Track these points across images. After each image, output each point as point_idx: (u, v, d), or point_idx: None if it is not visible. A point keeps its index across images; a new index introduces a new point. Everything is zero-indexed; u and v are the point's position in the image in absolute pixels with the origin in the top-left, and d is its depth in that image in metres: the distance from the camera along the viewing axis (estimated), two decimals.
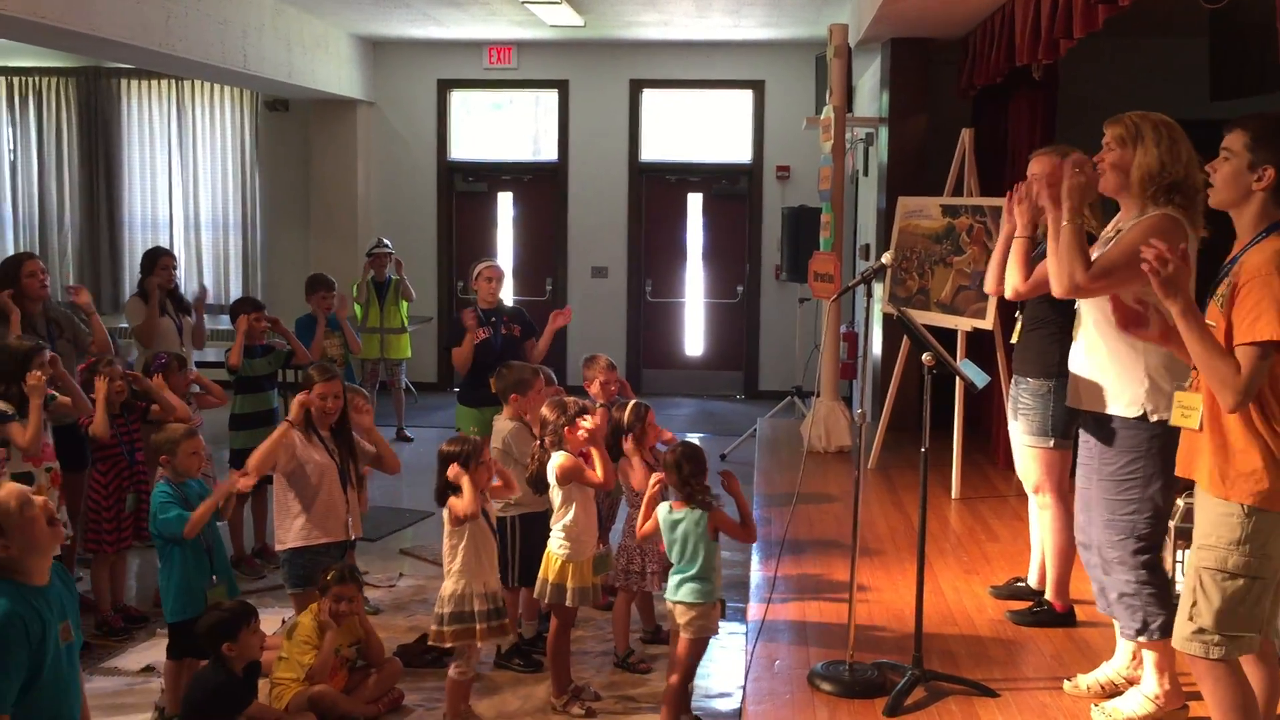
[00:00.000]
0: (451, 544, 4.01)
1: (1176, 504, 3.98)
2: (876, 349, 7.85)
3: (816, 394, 6.39)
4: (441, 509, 4.05)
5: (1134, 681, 3.60)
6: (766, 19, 9.34)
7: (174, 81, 11.20)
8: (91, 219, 11.45)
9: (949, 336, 5.77)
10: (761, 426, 8.28)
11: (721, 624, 4.05)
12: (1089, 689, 3.68)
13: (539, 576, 4.23)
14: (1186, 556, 2.97)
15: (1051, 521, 4.30)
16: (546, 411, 4.26)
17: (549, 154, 11.23)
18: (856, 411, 3.92)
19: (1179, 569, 4.02)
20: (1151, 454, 3.36)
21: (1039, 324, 4.27)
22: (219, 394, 5.71)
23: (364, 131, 11.07)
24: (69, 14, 6.43)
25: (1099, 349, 3.48)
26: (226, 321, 6.57)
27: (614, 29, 10.00)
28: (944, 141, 7.06)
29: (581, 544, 4.16)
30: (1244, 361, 2.68)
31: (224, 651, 3.81)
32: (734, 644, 4.68)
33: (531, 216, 11.36)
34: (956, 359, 5.12)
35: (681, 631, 3.84)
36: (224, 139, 11.35)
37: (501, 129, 11.41)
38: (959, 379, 4.00)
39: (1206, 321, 2.83)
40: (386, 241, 9.18)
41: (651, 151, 11.14)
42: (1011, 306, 4.46)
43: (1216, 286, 2.85)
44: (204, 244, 11.43)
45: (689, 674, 3.93)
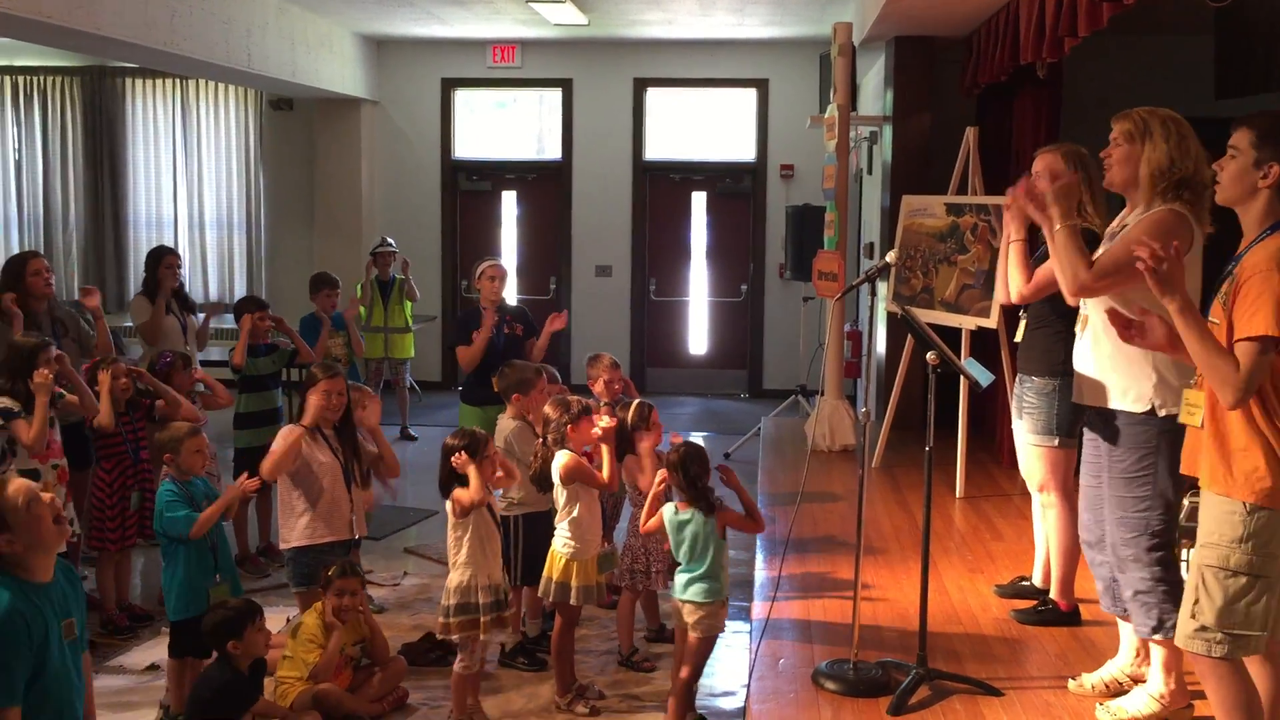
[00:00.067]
0: (456, 536, 4.02)
1: (1181, 502, 3.97)
2: (880, 348, 7.84)
3: (821, 393, 6.39)
4: (446, 501, 4.05)
5: (1139, 680, 3.60)
6: (770, 17, 9.34)
7: (178, 81, 11.22)
8: (96, 218, 11.48)
9: (953, 335, 5.76)
10: (765, 425, 8.28)
11: (726, 622, 4.05)
12: (1094, 688, 3.67)
13: (543, 575, 4.23)
14: (1191, 555, 2.95)
15: (1056, 520, 4.29)
16: (549, 410, 4.25)
17: (553, 153, 11.23)
18: (861, 410, 3.92)
19: (1183, 567, 4.01)
20: (1161, 449, 3.34)
21: (1043, 322, 4.27)
22: (225, 396, 5.70)
23: (368, 130, 11.08)
24: (73, 13, 6.44)
25: (1105, 345, 3.46)
26: (230, 320, 6.57)
27: (618, 28, 10.00)
28: (948, 140, 7.05)
29: (586, 542, 4.16)
30: (1243, 357, 2.68)
31: (229, 649, 3.81)
32: (738, 642, 4.68)
33: (535, 215, 11.36)
34: (961, 358, 5.11)
35: (690, 630, 3.84)
36: (228, 138, 11.37)
37: (505, 128, 11.41)
38: (963, 378, 4.00)
39: (1210, 320, 2.83)
40: (390, 240, 9.18)
41: (655, 150, 11.14)
42: (1016, 305, 4.45)
43: (1220, 284, 2.85)
44: (208, 243, 11.46)
45: (697, 672, 3.93)
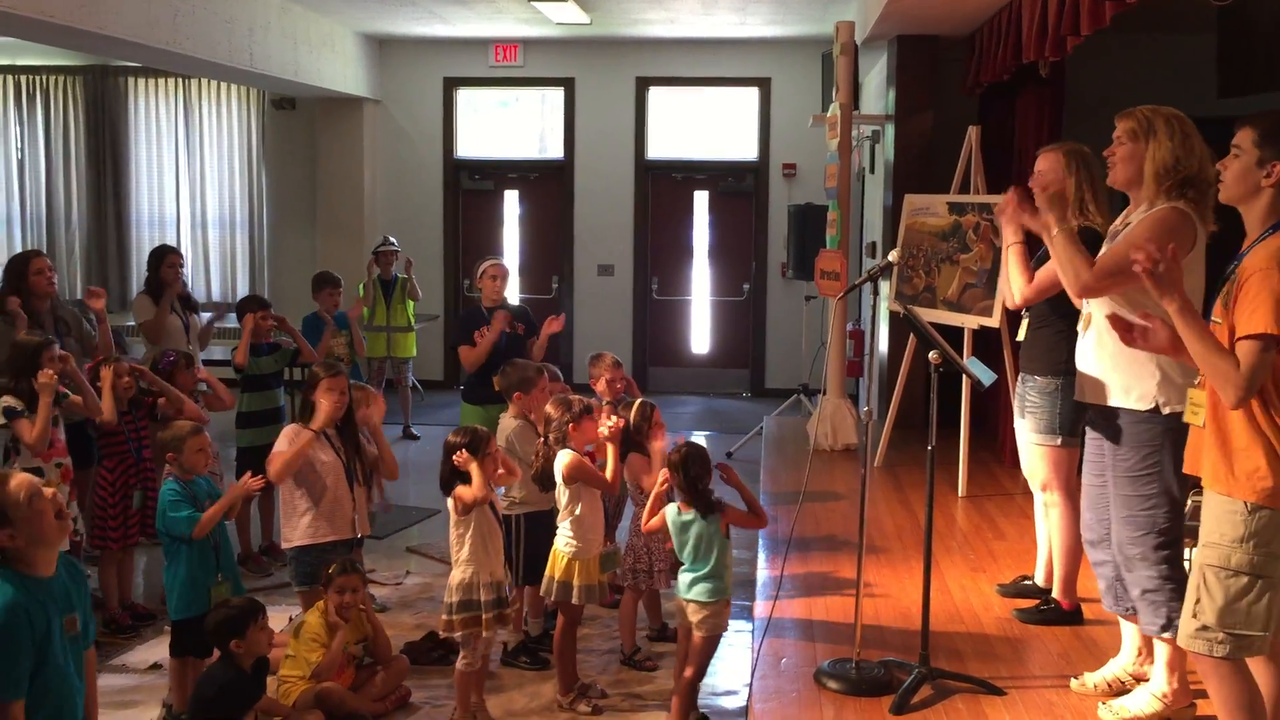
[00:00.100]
0: (459, 533, 4.01)
1: (1187, 500, 3.96)
2: (883, 347, 7.83)
3: (823, 392, 6.38)
4: (447, 499, 4.05)
5: (1141, 679, 3.59)
6: (773, 16, 9.33)
7: (181, 80, 11.23)
8: (99, 217, 11.49)
9: (955, 334, 5.76)
10: (768, 424, 8.28)
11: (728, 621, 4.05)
12: (1096, 687, 3.67)
13: (545, 574, 4.23)
14: (1193, 554, 2.95)
15: (1059, 519, 4.29)
16: (551, 410, 4.25)
17: (555, 152, 11.23)
18: (863, 409, 3.91)
19: (1185, 567, 4.00)
20: (1166, 447, 3.34)
21: (1045, 321, 4.26)
22: (227, 398, 5.69)
23: (370, 130, 11.08)
24: (76, 12, 6.44)
25: (1108, 344, 3.45)
26: (233, 320, 6.57)
27: (620, 26, 10.00)
28: (950, 139, 7.05)
29: (588, 541, 4.16)
30: (1243, 356, 2.68)
31: (232, 648, 3.82)
32: (740, 642, 4.67)
33: (537, 214, 11.36)
34: (963, 357, 5.11)
35: (694, 630, 3.84)
36: (231, 137, 11.38)
37: (507, 127, 11.41)
38: (965, 377, 3.99)
39: (1213, 319, 2.83)
40: (393, 239, 9.19)
41: (657, 149, 11.14)
42: (1021, 308, 4.44)
43: (1223, 284, 2.85)
44: (211, 242, 11.47)
45: (701, 671, 3.92)
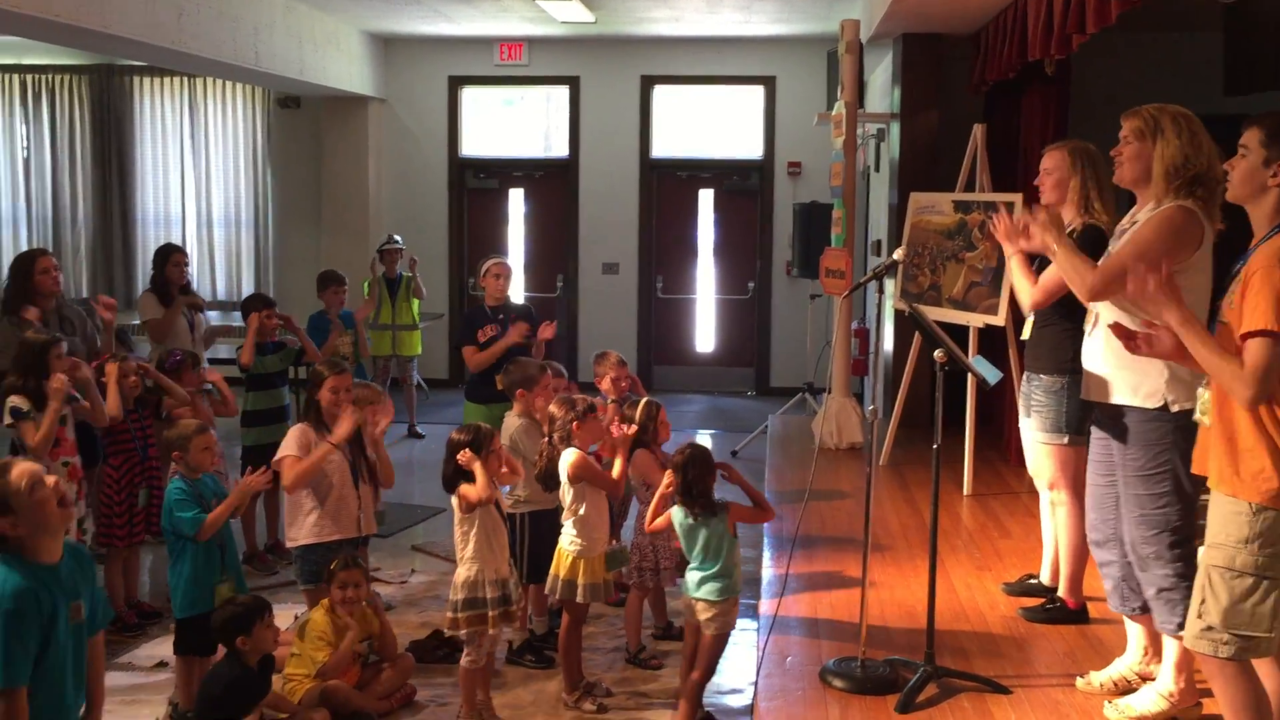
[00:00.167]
0: (463, 531, 4.01)
1: (1200, 498, 3.96)
2: (888, 345, 7.83)
3: (828, 390, 6.38)
4: (450, 496, 4.05)
5: (1147, 678, 3.59)
6: (778, 14, 9.32)
7: (186, 79, 11.24)
8: (104, 216, 11.51)
9: (961, 333, 5.75)
10: (773, 423, 8.26)
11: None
12: (1102, 686, 3.67)
13: (550, 572, 4.23)
14: (1200, 555, 2.94)
15: (1066, 518, 4.28)
16: (555, 409, 4.25)
17: (560, 150, 11.23)
18: (868, 408, 3.91)
19: None
20: (1176, 445, 3.32)
21: (1050, 320, 4.25)
22: (232, 406, 5.66)
23: (375, 128, 11.09)
24: (82, 12, 6.45)
25: (1115, 342, 3.42)
26: (238, 318, 6.59)
27: (625, 25, 9.99)
28: (956, 137, 7.04)
29: (593, 540, 4.16)
30: (1248, 354, 2.67)
31: (238, 645, 3.82)
32: (746, 640, 4.67)
33: (542, 213, 11.36)
34: (968, 355, 5.11)
35: (703, 628, 3.84)
36: (236, 136, 11.39)
37: (512, 125, 11.41)
38: (971, 375, 3.99)
39: (1220, 319, 2.83)
40: (397, 238, 9.19)
41: (662, 147, 11.13)
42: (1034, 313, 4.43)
43: (1229, 283, 2.84)
44: (216, 241, 11.49)
45: (710, 671, 3.92)
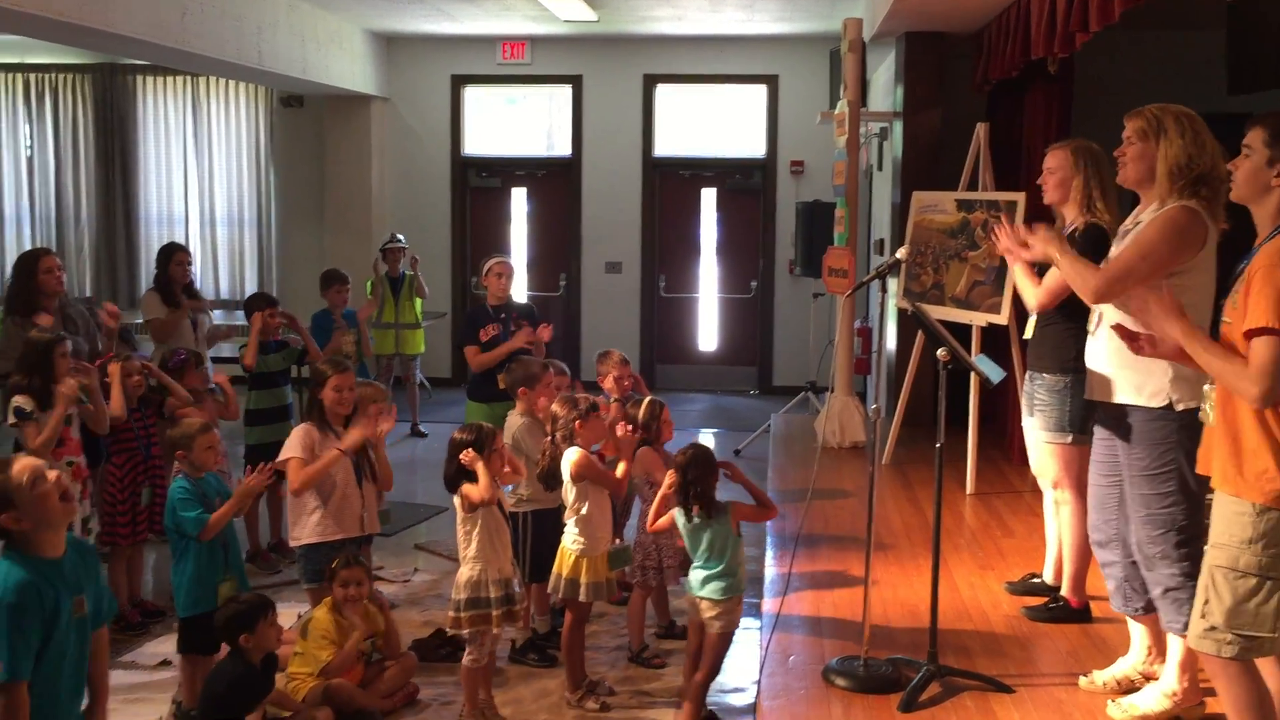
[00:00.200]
0: (465, 530, 4.01)
1: (1206, 497, 3.96)
2: (891, 344, 7.83)
3: (831, 389, 6.38)
4: (453, 496, 4.05)
5: (1150, 677, 3.59)
6: (780, 13, 9.32)
7: (189, 78, 11.25)
8: (108, 215, 11.51)
9: (964, 332, 5.75)
10: (775, 422, 8.26)
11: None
12: (1105, 685, 3.67)
13: (553, 571, 4.23)
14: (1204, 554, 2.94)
15: (1070, 517, 4.28)
16: (557, 408, 4.26)
17: (562, 149, 11.23)
18: (871, 407, 3.91)
19: None
20: (1181, 444, 3.32)
21: (1053, 319, 4.25)
22: (234, 410, 5.65)
23: (378, 127, 11.09)
24: (85, 11, 6.46)
25: (1119, 341, 3.44)
26: (241, 317, 6.60)
27: (627, 24, 9.99)
28: (959, 136, 7.03)
29: (596, 539, 4.16)
30: (1253, 352, 2.67)
31: (241, 643, 3.82)
32: (749, 639, 4.67)
33: (545, 212, 11.36)
34: (971, 354, 5.11)
35: (707, 627, 3.84)
36: (239, 135, 11.40)
37: (515, 124, 11.42)
38: (974, 374, 3.99)
39: (1224, 319, 2.83)
40: (400, 237, 9.20)
41: (665, 146, 11.13)
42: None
43: (1232, 283, 2.84)
44: (219, 240, 11.49)
45: (715, 671, 3.91)
